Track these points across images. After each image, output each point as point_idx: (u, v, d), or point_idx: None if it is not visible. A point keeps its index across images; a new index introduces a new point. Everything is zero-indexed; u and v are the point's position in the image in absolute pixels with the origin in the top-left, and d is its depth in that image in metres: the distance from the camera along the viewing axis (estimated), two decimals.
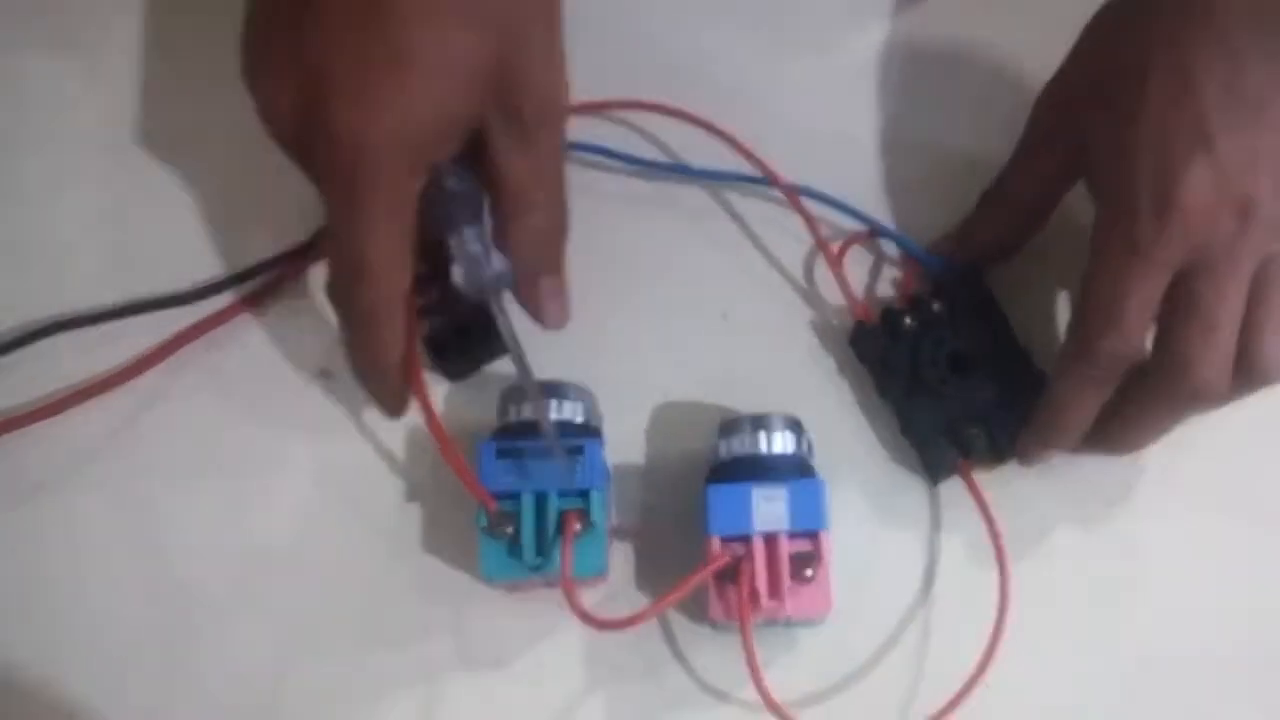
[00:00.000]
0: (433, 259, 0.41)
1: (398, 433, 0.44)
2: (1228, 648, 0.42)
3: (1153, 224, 0.38)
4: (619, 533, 0.42)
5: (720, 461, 0.41)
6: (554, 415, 0.40)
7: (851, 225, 0.47)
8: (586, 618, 0.38)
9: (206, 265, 0.46)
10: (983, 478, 0.43)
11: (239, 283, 0.46)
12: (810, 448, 0.42)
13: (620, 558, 0.42)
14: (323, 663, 0.41)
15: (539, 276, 0.41)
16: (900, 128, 0.50)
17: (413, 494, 0.43)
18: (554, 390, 0.41)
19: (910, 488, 0.44)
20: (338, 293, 0.39)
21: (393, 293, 0.39)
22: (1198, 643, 0.42)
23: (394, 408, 0.42)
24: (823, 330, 0.47)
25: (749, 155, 0.47)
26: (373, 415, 0.44)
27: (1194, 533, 0.44)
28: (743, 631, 0.38)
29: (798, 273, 0.48)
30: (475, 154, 0.39)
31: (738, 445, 0.41)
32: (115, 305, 0.45)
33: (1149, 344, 0.40)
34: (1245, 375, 0.39)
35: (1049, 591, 0.42)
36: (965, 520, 0.43)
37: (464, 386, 0.45)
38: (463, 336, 0.44)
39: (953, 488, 0.44)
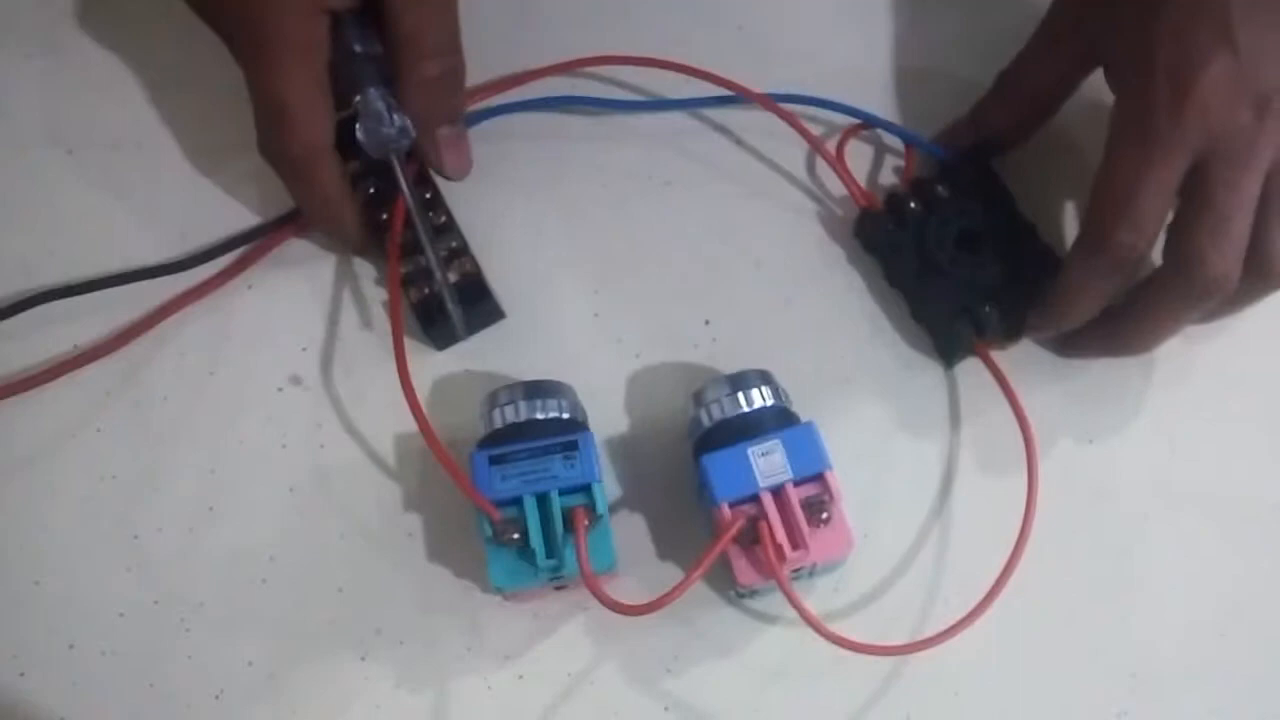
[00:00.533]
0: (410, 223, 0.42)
1: (385, 439, 0.44)
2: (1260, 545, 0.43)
3: (1170, 113, 0.38)
4: None
5: (704, 431, 0.40)
6: (539, 415, 0.39)
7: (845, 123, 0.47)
8: (615, 605, 0.37)
9: (192, 237, 0.46)
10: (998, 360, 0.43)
11: (223, 252, 0.45)
12: (786, 395, 0.41)
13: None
14: (312, 665, 0.41)
15: (436, 126, 0.43)
16: (879, 21, 0.50)
17: (408, 502, 0.43)
18: (536, 390, 0.40)
19: (926, 373, 0.44)
20: (268, 148, 0.42)
21: (317, 136, 0.41)
22: (1233, 532, 0.43)
23: (354, 245, 0.45)
24: (828, 223, 0.47)
25: (724, 82, 0.47)
26: (355, 421, 0.44)
27: (1219, 414, 0.44)
28: (780, 583, 0.37)
29: (799, 175, 0.48)
30: (377, 15, 0.41)
31: (717, 410, 0.40)
32: (101, 275, 0.45)
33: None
34: (1256, 271, 0.39)
35: (1069, 466, 0.43)
36: (983, 404, 0.43)
37: (440, 393, 0.44)
38: (454, 306, 0.43)
39: (968, 374, 0.44)
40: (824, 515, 0.38)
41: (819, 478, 0.38)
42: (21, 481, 0.43)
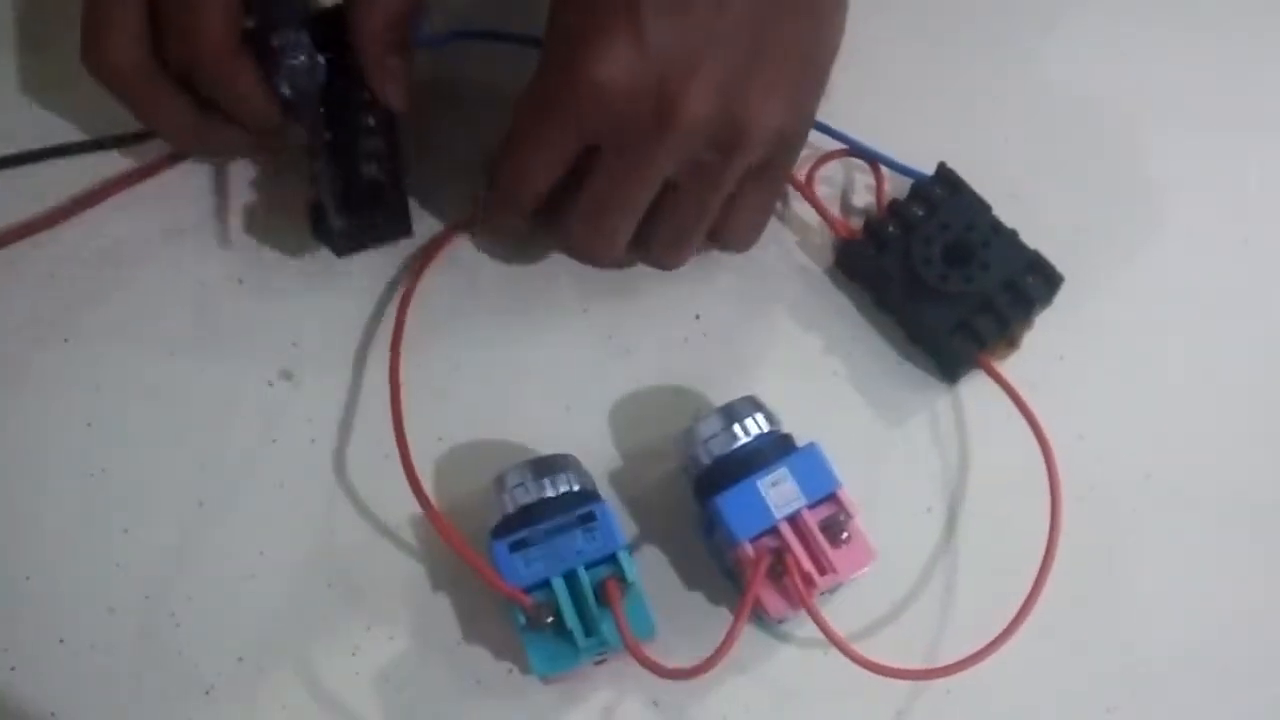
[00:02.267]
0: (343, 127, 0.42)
1: (376, 434, 0.42)
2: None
3: (567, 89, 0.36)
4: None
5: (704, 469, 0.39)
6: (550, 493, 0.38)
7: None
8: (666, 672, 0.36)
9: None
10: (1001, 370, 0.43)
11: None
12: (777, 418, 0.41)
13: None
14: None
15: (387, 55, 0.41)
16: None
17: (398, 497, 0.41)
18: (542, 469, 0.39)
19: (928, 390, 0.44)
20: (175, 49, 0.39)
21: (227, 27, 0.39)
22: (1224, 529, 0.43)
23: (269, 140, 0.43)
24: (810, 251, 0.46)
25: None
26: (346, 416, 0.43)
27: (1213, 413, 0.44)
28: (810, 613, 0.37)
29: None
30: None
31: (716, 446, 0.39)
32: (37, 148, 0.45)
33: None
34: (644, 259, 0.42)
35: (1061, 462, 0.42)
36: (989, 413, 0.43)
37: (439, 389, 0.44)
38: (351, 210, 0.43)
39: (970, 386, 0.44)
40: (844, 535, 0.38)
41: (832, 498, 0.38)
42: (11, 476, 0.42)
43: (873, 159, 0.46)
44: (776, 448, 0.39)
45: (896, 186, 0.46)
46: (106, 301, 0.45)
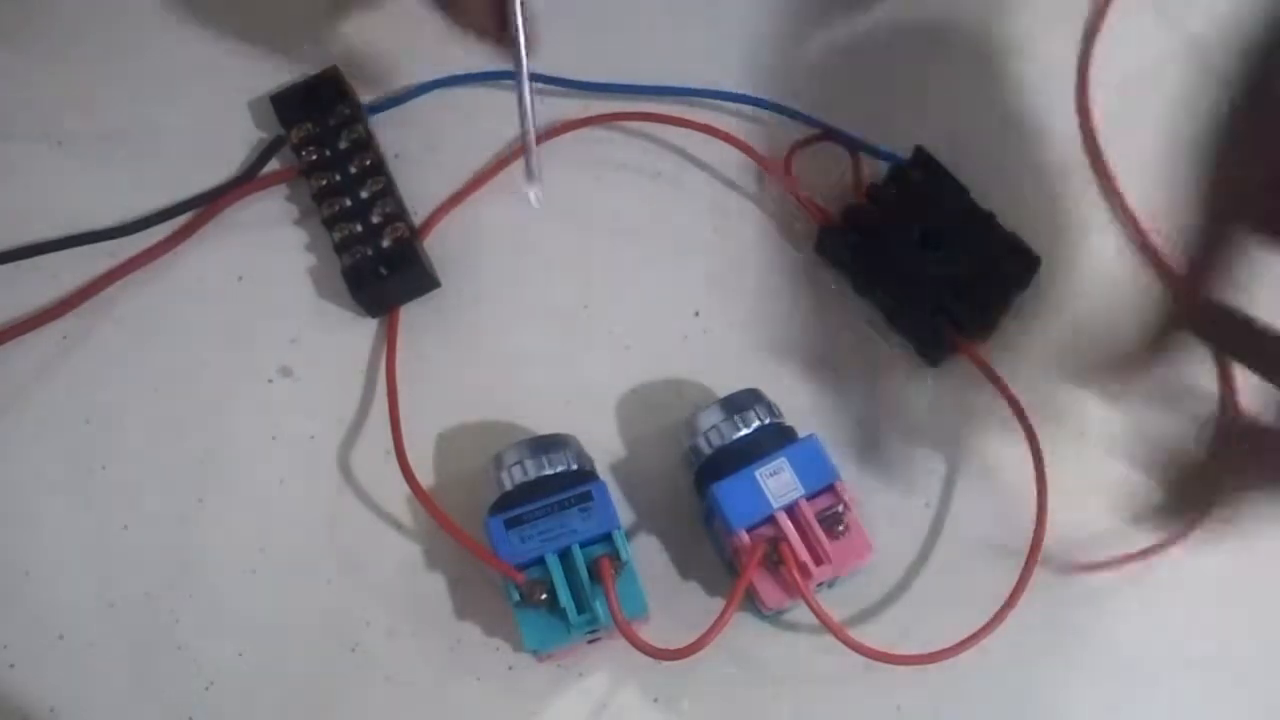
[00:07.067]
0: (352, 190, 0.43)
1: (375, 430, 0.43)
2: None
3: None
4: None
5: (705, 459, 0.39)
6: (548, 471, 0.38)
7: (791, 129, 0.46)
8: (655, 651, 0.36)
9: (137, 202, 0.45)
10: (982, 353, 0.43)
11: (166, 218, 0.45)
12: (779, 411, 0.40)
13: None
14: None
15: None
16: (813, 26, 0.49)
17: (397, 493, 0.42)
18: (541, 447, 0.39)
19: (912, 375, 0.44)
20: None
21: None
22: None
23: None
24: (790, 236, 0.46)
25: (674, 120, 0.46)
26: (345, 412, 0.43)
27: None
28: (808, 603, 0.36)
29: (746, 192, 0.47)
30: None
31: (715, 437, 0.39)
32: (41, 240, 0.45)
33: None
34: None
35: (1058, 455, 0.41)
36: (972, 396, 0.43)
37: (435, 390, 0.43)
38: (384, 270, 0.43)
39: (954, 370, 0.43)
40: (841, 527, 0.38)
41: (830, 489, 0.38)
42: (11, 473, 0.43)
43: (850, 144, 0.46)
44: (776, 438, 0.39)
45: (875, 171, 0.45)
46: (106, 299, 0.44)
